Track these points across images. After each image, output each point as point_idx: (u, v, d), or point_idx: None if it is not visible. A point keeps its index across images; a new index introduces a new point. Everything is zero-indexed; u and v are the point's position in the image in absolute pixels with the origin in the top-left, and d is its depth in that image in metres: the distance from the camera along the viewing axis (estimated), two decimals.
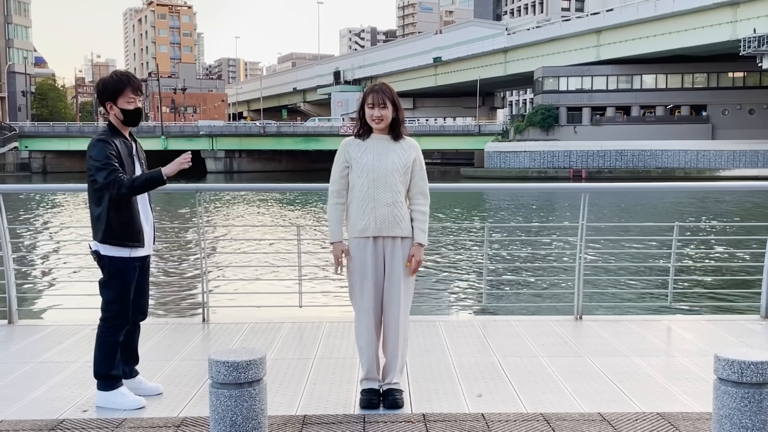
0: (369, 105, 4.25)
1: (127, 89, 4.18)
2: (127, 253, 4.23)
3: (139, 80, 4.31)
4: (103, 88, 4.22)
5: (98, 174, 4.06)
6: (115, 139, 4.16)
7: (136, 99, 4.23)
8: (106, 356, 4.25)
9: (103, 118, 70.24)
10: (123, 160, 4.14)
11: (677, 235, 6.48)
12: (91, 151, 4.10)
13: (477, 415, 4.10)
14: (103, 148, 4.08)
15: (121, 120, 4.23)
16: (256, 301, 8.65)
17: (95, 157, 4.08)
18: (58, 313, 10.48)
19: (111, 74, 4.29)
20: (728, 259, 14.61)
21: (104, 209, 4.16)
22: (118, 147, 4.15)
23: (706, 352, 5.30)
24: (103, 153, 4.06)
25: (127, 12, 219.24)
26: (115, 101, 4.19)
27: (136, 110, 4.23)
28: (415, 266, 4.30)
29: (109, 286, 4.24)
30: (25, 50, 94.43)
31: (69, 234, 22.05)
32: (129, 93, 4.19)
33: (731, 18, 56.39)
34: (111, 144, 4.11)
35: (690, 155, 62.08)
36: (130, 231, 4.21)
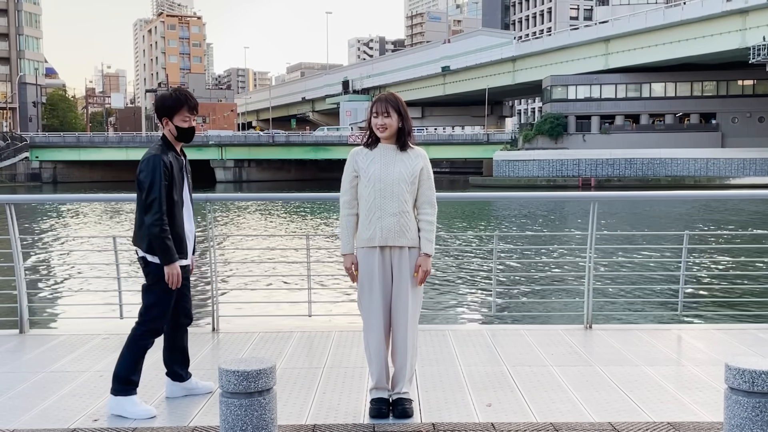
0: (374, 114, 4.28)
1: (184, 108, 4.39)
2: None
3: (196, 100, 4.53)
4: (162, 105, 4.42)
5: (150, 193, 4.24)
6: (168, 154, 4.35)
7: (191, 118, 4.43)
8: (133, 361, 4.34)
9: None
10: (174, 174, 4.34)
11: (687, 244, 6.46)
12: (147, 164, 4.27)
13: (487, 424, 4.09)
14: (158, 168, 4.25)
15: (174, 136, 4.43)
16: (266, 311, 8.68)
17: (150, 172, 4.25)
18: (69, 323, 10.53)
19: (171, 92, 4.48)
20: (738, 267, 14.53)
21: (145, 221, 4.32)
22: (171, 162, 4.34)
23: (716, 361, 5.28)
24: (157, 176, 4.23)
25: (137, 23, 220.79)
26: (171, 118, 4.39)
27: (190, 128, 4.44)
28: (422, 276, 4.30)
29: (151, 291, 4.39)
30: (36, 61, 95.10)
31: (79, 244, 22.15)
32: (185, 112, 4.40)
33: (740, 26, 56.26)
34: (165, 160, 4.30)
35: (700, 163, 61.87)
36: (177, 242, 4.38)
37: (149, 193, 4.23)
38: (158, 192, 4.22)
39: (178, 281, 4.32)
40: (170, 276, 4.28)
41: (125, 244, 18.63)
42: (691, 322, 10.02)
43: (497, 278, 6.83)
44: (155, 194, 4.22)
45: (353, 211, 4.34)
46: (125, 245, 17.52)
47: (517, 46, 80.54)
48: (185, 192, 4.48)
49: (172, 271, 4.28)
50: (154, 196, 4.22)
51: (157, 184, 4.22)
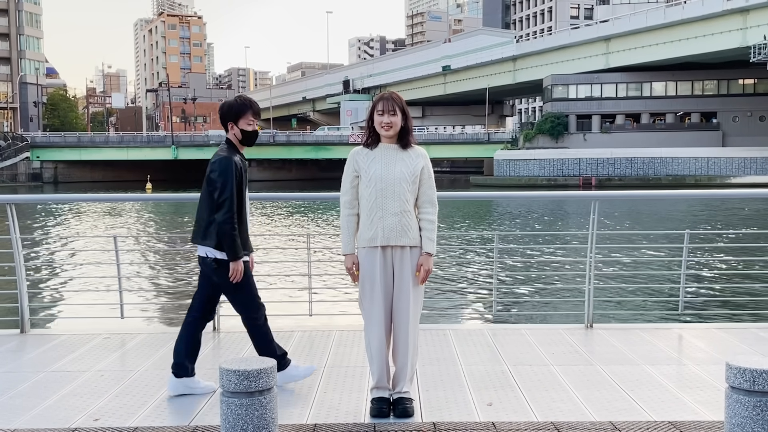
0: (379, 112, 4.26)
1: (248, 112, 4.63)
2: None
3: (259, 106, 4.76)
4: (228, 110, 4.65)
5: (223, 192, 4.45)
6: (234, 156, 4.58)
7: (255, 122, 4.67)
8: (194, 345, 4.69)
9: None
10: (241, 175, 4.56)
11: (688, 243, 6.46)
12: (219, 165, 4.50)
13: (487, 424, 4.09)
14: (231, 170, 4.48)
15: (239, 139, 4.66)
16: (267, 310, 8.66)
17: (223, 172, 4.48)
18: (70, 323, 10.53)
19: (236, 98, 4.72)
20: (739, 266, 14.52)
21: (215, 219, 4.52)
22: (238, 163, 4.57)
23: (717, 361, 5.28)
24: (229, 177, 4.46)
25: (138, 23, 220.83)
26: (236, 122, 4.62)
27: (253, 132, 4.68)
28: (424, 275, 4.30)
29: (235, 290, 4.63)
30: (36, 61, 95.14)
31: (80, 244, 22.18)
32: (249, 116, 4.63)
33: (741, 25, 56.24)
34: (237, 163, 4.54)
35: (700, 162, 61.86)
36: (244, 239, 4.60)
37: (222, 192, 4.44)
38: (230, 191, 4.45)
39: (240, 276, 4.53)
40: (234, 271, 4.50)
41: (126, 244, 18.75)
42: (691, 321, 10.02)
43: (498, 277, 6.84)
44: (228, 194, 4.44)
45: (354, 210, 4.34)
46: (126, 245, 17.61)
47: (518, 45, 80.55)
48: (246, 192, 4.71)
49: (237, 267, 4.50)
50: (226, 195, 4.44)
51: (229, 184, 4.45)
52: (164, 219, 34.68)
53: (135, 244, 22.29)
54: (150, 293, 14.29)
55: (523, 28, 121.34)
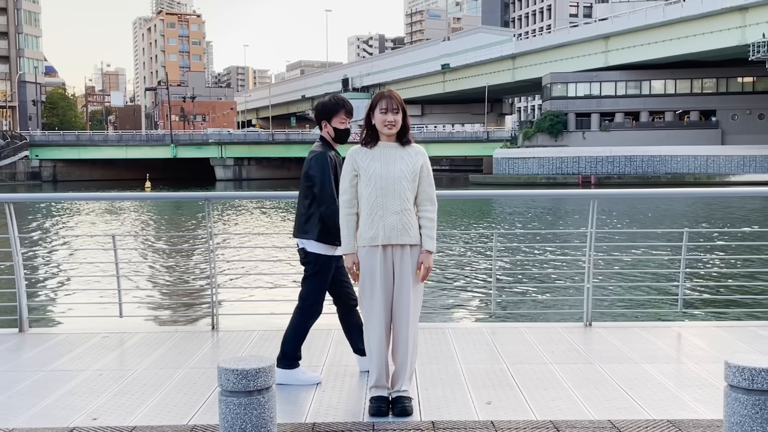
0: (382, 110, 4.25)
1: (341, 111, 4.81)
2: (331, 251, 4.76)
3: (351, 105, 4.91)
4: (322, 109, 4.85)
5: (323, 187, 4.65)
6: (329, 152, 4.76)
7: (347, 120, 4.84)
8: (298, 339, 4.84)
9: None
10: (336, 171, 4.71)
11: (687, 241, 6.45)
12: (316, 161, 4.67)
13: (486, 422, 4.09)
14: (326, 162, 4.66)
15: (332, 137, 4.84)
16: (266, 309, 8.66)
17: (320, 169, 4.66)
18: (69, 322, 10.53)
19: (330, 98, 4.90)
20: (738, 265, 14.53)
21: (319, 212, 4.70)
22: (332, 158, 4.75)
23: (716, 359, 5.27)
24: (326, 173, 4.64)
25: (137, 21, 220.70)
26: (330, 120, 4.81)
27: (345, 130, 4.84)
28: (424, 273, 4.30)
29: (311, 280, 4.81)
30: (35, 60, 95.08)
31: (79, 242, 22.17)
32: (342, 115, 4.81)
33: (740, 23, 56.26)
34: (331, 158, 4.72)
35: (699, 161, 61.86)
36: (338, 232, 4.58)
37: (322, 187, 4.65)
38: (330, 185, 4.65)
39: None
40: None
41: (125, 243, 18.74)
42: (690, 319, 10.02)
43: (497, 276, 6.83)
44: (327, 188, 4.64)
45: (353, 210, 4.32)
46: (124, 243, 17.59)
47: (517, 43, 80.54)
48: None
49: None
50: (327, 189, 4.65)
51: (327, 179, 4.65)
52: (163, 217, 34.67)
53: (134, 242, 22.30)
54: (149, 292, 14.28)
55: (522, 27, 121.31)
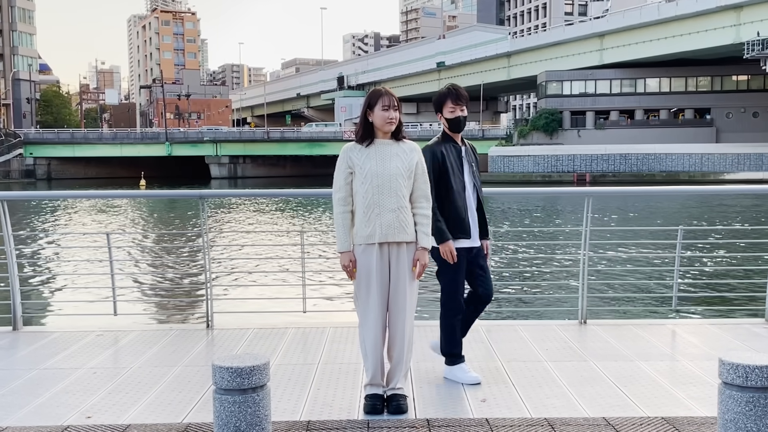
0: (384, 107, 4.24)
1: (448, 100, 4.76)
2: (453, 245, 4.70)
3: (460, 92, 4.80)
4: (435, 101, 4.86)
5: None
6: (443, 145, 4.76)
7: (457, 108, 4.75)
8: (446, 337, 4.86)
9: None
10: (449, 164, 4.70)
11: (681, 239, 6.47)
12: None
13: (481, 420, 4.09)
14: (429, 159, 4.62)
15: (447, 127, 4.80)
16: (260, 307, 8.66)
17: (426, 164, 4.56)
18: (63, 320, 10.50)
19: (444, 87, 4.87)
20: (733, 262, 14.57)
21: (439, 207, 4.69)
22: (444, 152, 4.72)
23: (710, 356, 5.29)
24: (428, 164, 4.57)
25: (132, 19, 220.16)
26: (441, 111, 4.80)
27: (455, 118, 4.76)
28: (420, 270, 4.30)
29: (439, 274, 4.81)
30: (29, 57, 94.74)
31: (73, 240, 22.12)
32: (450, 103, 4.75)
33: (735, 21, 56.35)
34: (435, 152, 4.70)
35: (694, 159, 61.95)
36: (455, 224, 4.70)
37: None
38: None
39: (453, 257, 4.64)
40: (444, 253, 4.64)
41: (119, 241, 18.68)
42: (685, 317, 10.05)
43: (491, 274, 6.82)
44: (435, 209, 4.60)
45: (349, 207, 4.31)
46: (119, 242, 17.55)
47: (512, 41, 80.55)
48: (466, 177, 4.79)
49: (445, 249, 4.64)
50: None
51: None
52: (158, 215, 34.61)
53: (128, 240, 22.25)
54: (143, 290, 14.26)
55: (518, 25, 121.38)
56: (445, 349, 4.88)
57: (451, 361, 4.86)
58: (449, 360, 4.87)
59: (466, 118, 4.81)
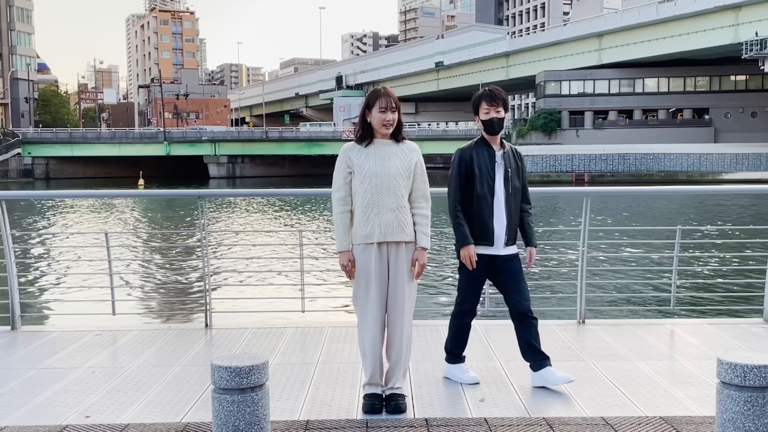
0: (382, 109, 4.23)
1: (483, 101, 4.69)
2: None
3: (496, 93, 4.70)
4: (472, 102, 4.83)
5: (449, 184, 4.69)
6: (474, 149, 4.69)
7: (491, 109, 4.65)
8: (453, 336, 4.86)
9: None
10: (477, 168, 4.62)
11: (680, 239, 6.47)
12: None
13: (480, 419, 4.09)
14: (456, 163, 4.70)
15: (483, 129, 4.73)
16: (259, 306, 8.65)
17: (450, 166, 4.75)
18: (61, 319, 10.48)
19: (479, 89, 4.86)
20: (731, 262, 14.59)
21: (465, 210, 4.67)
22: (474, 156, 4.65)
23: (709, 356, 5.29)
24: (454, 169, 4.68)
25: (130, 18, 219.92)
26: (477, 113, 4.74)
27: (489, 120, 4.66)
28: (419, 270, 4.30)
29: (459, 275, 4.79)
30: (28, 57, 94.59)
31: (71, 240, 22.09)
32: (484, 105, 4.68)
33: (733, 21, 56.38)
34: (464, 155, 4.68)
35: (693, 159, 61.97)
36: (477, 230, 4.64)
37: (448, 185, 4.72)
38: (454, 183, 4.65)
39: (472, 263, 4.59)
40: (464, 257, 4.62)
41: (117, 240, 18.63)
42: (683, 316, 10.05)
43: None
44: (452, 186, 4.66)
45: (348, 207, 4.31)
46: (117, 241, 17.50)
47: (511, 41, 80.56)
48: (498, 183, 4.67)
49: (464, 253, 4.61)
50: (450, 188, 4.68)
51: (452, 177, 4.67)
52: (156, 215, 34.60)
53: (127, 240, 22.23)
54: (142, 289, 14.25)
55: (516, 24, 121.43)
56: (448, 346, 4.87)
57: (451, 359, 4.86)
58: (449, 358, 4.87)
59: (502, 120, 4.69)
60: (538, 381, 4.67)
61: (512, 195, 4.69)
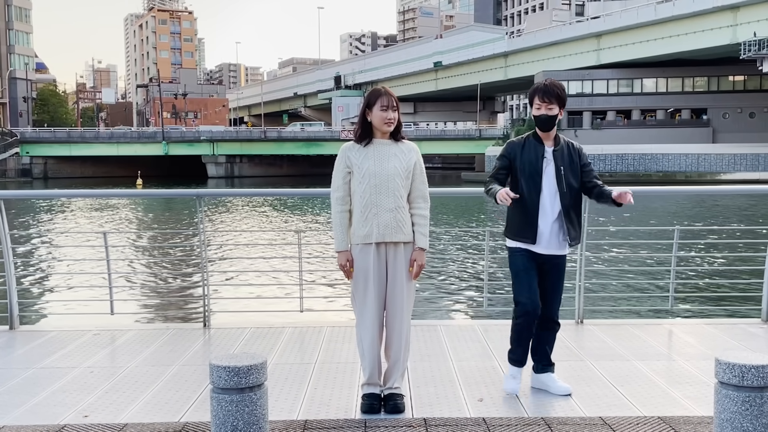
0: (383, 107, 4.22)
1: (536, 96, 4.47)
2: (514, 245, 4.53)
3: (550, 89, 4.44)
4: (528, 95, 4.68)
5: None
6: (523, 143, 4.52)
7: (543, 105, 4.42)
8: (511, 337, 4.62)
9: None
10: (522, 163, 4.45)
11: (678, 239, 6.48)
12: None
13: (478, 419, 4.09)
14: (500, 153, 4.56)
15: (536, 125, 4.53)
16: (258, 306, 8.66)
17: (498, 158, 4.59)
18: (59, 319, 10.47)
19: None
20: (729, 262, 14.60)
21: (509, 206, 4.46)
22: (521, 151, 4.48)
23: (707, 356, 5.30)
24: (498, 161, 4.54)
25: (128, 18, 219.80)
26: (531, 106, 4.55)
27: (539, 116, 4.46)
28: (417, 270, 4.30)
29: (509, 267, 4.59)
30: (26, 56, 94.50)
31: (70, 239, 22.08)
32: (537, 100, 4.47)
33: (731, 22, 56.42)
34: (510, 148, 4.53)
35: (691, 159, 62.04)
36: (519, 227, 4.49)
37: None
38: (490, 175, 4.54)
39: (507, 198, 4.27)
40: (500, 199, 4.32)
41: (115, 240, 18.60)
42: (681, 316, 10.06)
43: (489, 273, 6.83)
44: (489, 180, 4.52)
45: (347, 207, 4.30)
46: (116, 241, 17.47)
47: (509, 41, 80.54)
48: (545, 180, 4.44)
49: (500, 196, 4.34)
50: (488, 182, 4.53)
51: (493, 171, 4.54)
52: (154, 215, 34.57)
53: (125, 239, 22.22)
54: (140, 289, 14.24)
55: (515, 24, 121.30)
56: (510, 350, 4.64)
57: (509, 359, 4.65)
58: (510, 361, 4.64)
59: (552, 118, 4.43)
60: (537, 383, 4.65)
61: (566, 193, 4.45)
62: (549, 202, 4.44)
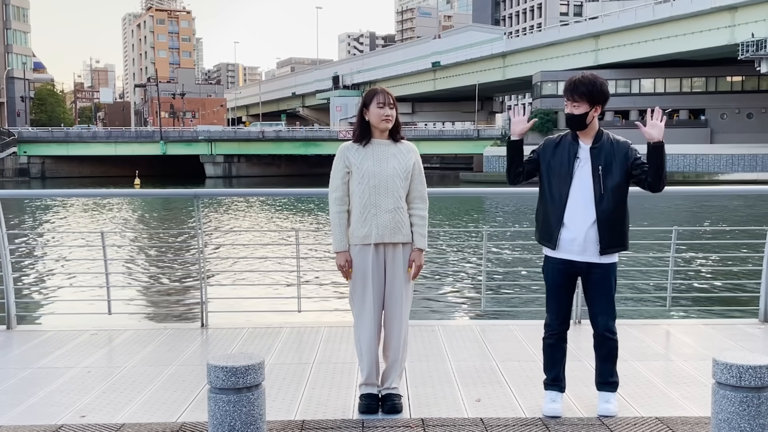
0: (380, 104, 4.21)
1: (566, 94, 4.33)
2: (546, 252, 4.28)
3: (578, 86, 4.26)
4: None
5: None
6: (555, 141, 4.31)
7: (569, 104, 4.25)
8: (543, 355, 4.35)
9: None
10: (551, 162, 4.22)
11: (675, 239, 6.48)
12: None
13: (476, 419, 4.09)
14: (533, 149, 4.36)
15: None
16: (255, 306, 8.65)
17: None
18: (57, 319, 10.45)
19: None
20: (727, 263, 14.61)
21: (537, 207, 4.35)
22: (552, 149, 4.26)
23: (704, 356, 5.30)
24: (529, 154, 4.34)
25: (126, 17, 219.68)
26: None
27: (568, 115, 4.27)
28: (415, 271, 4.30)
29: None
30: (24, 56, 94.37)
31: (67, 239, 22.05)
32: (566, 98, 4.32)
33: (729, 22, 56.49)
34: (543, 146, 4.33)
35: (689, 159, 62.11)
36: (542, 230, 4.27)
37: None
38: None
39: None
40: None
41: (113, 240, 18.61)
42: (679, 317, 10.06)
43: (487, 273, 6.83)
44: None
45: (345, 207, 4.29)
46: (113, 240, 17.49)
47: (508, 41, 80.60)
48: (576, 181, 4.13)
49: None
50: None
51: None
52: (152, 214, 34.54)
53: (123, 239, 22.20)
54: (138, 289, 14.24)
55: (513, 25, 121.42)
56: (544, 368, 4.34)
57: (545, 385, 4.31)
58: (544, 383, 4.32)
59: (580, 117, 4.18)
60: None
61: (604, 196, 4.11)
62: (582, 204, 4.11)
